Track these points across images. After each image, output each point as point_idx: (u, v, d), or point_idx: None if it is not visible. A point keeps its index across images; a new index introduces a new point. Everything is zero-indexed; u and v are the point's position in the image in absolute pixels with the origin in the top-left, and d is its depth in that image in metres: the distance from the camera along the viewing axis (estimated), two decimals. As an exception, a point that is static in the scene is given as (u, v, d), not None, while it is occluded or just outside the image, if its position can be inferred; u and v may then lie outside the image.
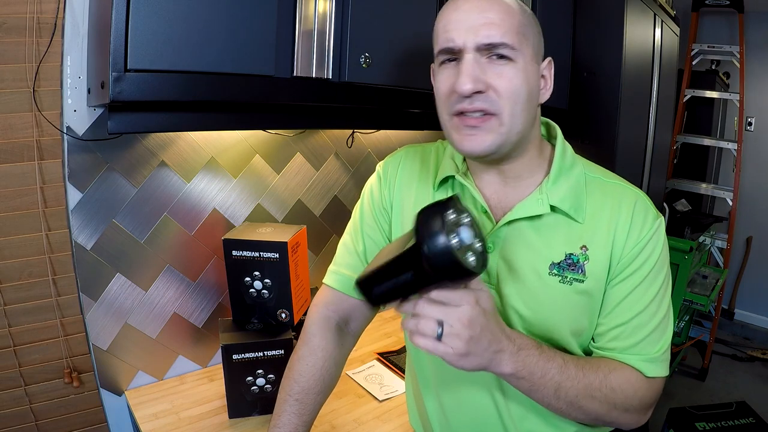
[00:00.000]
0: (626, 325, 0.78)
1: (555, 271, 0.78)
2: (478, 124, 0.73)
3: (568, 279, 0.78)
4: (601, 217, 0.78)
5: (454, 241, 0.60)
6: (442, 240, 0.59)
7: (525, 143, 0.79)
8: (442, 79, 0.76)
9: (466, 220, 0.64)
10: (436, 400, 0.92)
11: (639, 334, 0.78)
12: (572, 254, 0.78)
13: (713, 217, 3.30)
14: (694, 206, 3.28)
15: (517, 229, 0.80)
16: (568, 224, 0.79)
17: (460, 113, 0.74)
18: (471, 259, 0.62)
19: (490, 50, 0.72)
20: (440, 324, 0.64)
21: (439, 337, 0.64)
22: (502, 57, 0.72)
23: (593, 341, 0.82)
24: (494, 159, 0.78)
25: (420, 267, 0.61)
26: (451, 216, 0.62)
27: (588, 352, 0.84)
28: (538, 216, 0.79)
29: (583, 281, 0.77)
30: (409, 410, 1.05)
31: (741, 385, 3.05)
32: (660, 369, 0.79)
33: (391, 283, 0.65)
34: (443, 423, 0.92)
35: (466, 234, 0.62)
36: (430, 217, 0.61)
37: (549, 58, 0.81)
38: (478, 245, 0.64)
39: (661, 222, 0.80)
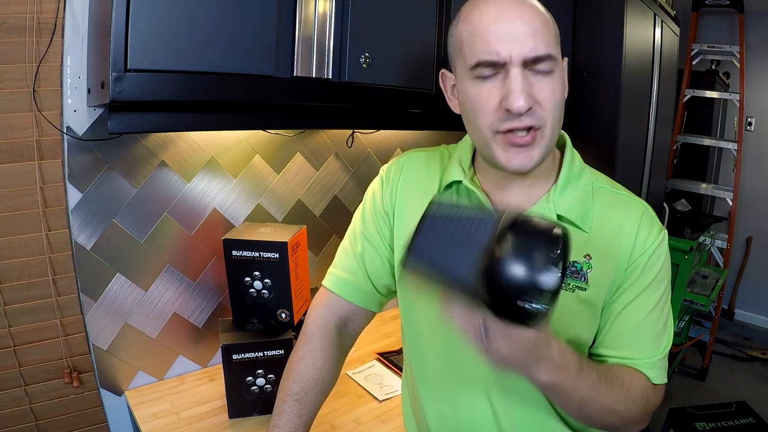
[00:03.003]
0: (627, 333, 0.78)
1: None
2: (527, 143, 0.71)
3: (570, 286, 0.77)
4: (607, 227, 0.78)
5: (534, 305, 0.51)
6: (519, 307, 0.50)
7: None
8: (483, 94, 0.71)
9: (555, 256, 0.52)
10: (434, 403, 0.91)
11: (639, 341, 0.78)
12: (575, 262, 0.78)
13: (713, 217, 3.30)
14: (694, 206, 3.28)
15: None
16: (574, 233, 0.78)
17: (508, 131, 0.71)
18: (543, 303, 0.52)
19: (535, 63, 0.69)
20: (485, 328, 0.58)
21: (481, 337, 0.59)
22: (542, 67, 0.70)
23: (597, 349, 0.82)
24: None
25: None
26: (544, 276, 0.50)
27: None
28: None
29: (585, 289, 0.77)
30: (404, 414, 1.05)
31: (741, 385, 3.05)
32: (661, 375, 0.79)
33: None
34: (441, 424, 0.91)
35: (550, 278, 0.51)
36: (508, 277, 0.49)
37: (566, 58, 0.79)
38: (559, 275, 0.52)
39: (665, 236, 0.80)
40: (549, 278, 0.50)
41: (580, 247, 0.78)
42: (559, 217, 0.78)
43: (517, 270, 0.49)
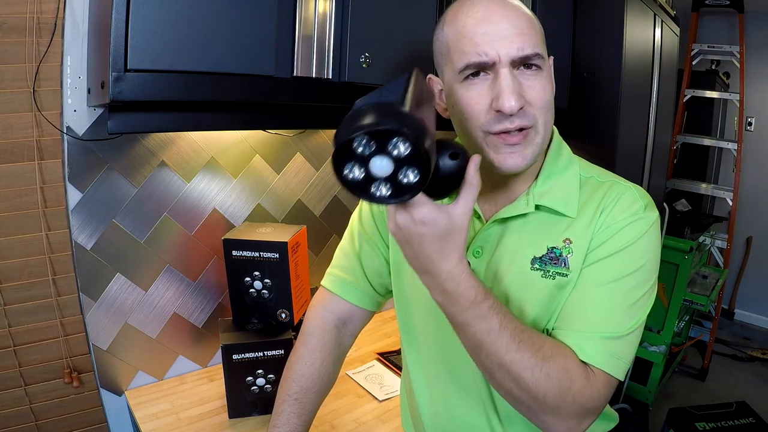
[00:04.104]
0: (573, 299, 0.74)
1: (537, 266, 0.76)
2: (519, 141, 0.71)
3: (550, 273, 0.75)
4: (588, 210, 0.77)
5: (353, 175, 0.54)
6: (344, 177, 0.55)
7: None
8: (474, 97, 0.71)
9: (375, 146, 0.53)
10: (429, 401, 0.91)
11: (581, 310, 0.72)
12: (554, 248, 0.76)
13: (713, 217, 3.30)
14: (694, 206, 3.28)
15: (501, 229, 0.80)
16: (554, 220, 0.78)
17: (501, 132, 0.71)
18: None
19: (523, 62, 0.70)
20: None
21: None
22: (530, 66, 0.71)
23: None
24: None
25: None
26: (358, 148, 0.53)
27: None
28: (524, 215, 0.78)
29: (566, 275, 0.75)
30: (402, 413, 1.05)
31: (741, 385, 3.05)
32: (597, 357, 0.69)
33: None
34: (436, 423, 0.91)
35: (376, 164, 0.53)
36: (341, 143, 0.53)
37: (551, 57, 0.80)
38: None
39: (651, 216, 0.75)
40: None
41: (559, 233, 0.76)
42: (537, 206, 0.77)
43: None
